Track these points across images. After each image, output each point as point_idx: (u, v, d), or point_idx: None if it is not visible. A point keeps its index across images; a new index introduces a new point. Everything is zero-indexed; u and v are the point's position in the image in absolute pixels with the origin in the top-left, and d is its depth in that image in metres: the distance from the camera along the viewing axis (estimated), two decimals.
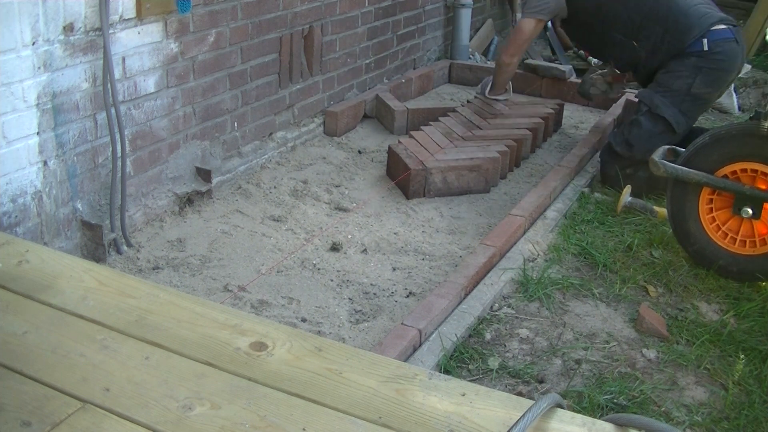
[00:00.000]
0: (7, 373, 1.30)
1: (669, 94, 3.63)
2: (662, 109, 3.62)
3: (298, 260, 3.04)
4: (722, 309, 2.86)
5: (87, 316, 1.46)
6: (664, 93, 3.64)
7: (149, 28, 2.98)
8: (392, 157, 3.82)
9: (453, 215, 3.51)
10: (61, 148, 2.72)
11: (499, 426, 1.21)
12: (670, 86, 3.64)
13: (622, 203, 3.50)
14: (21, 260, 1.64)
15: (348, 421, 1.22)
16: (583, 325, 2.71)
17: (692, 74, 3.60)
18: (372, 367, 1.34)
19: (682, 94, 3.61)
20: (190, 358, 1.36)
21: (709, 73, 3.60)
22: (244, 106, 3.65)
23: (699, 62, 3.59)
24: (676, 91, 3.62)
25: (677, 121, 3.62)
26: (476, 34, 5.97)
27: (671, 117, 3.62)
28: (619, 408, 2.29)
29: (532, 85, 5.05)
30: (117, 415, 1.22)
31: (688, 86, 3.60)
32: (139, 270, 2.88)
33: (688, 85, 3.60)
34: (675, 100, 3.62)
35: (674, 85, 3.63)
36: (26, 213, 2.64)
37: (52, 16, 2.57)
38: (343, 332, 2.62)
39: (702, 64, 3.59)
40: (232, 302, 2.71)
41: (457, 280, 2.75)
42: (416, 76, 5.03)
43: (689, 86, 3.60)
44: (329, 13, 4.15)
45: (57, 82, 2.64)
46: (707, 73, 3.60)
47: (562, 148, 4.37)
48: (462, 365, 2.45)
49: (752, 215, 2.96)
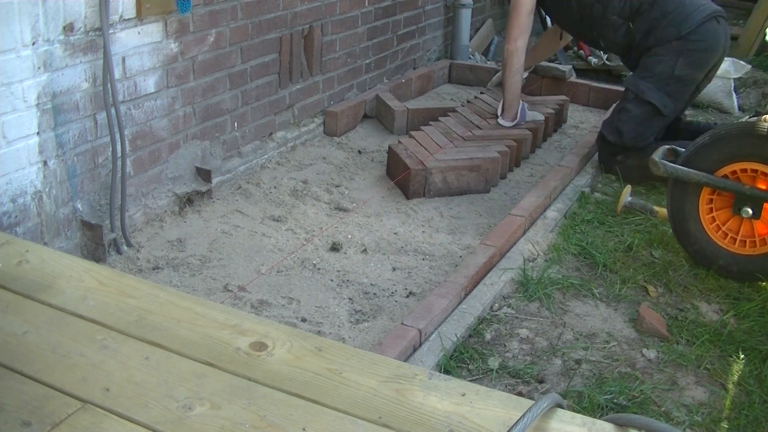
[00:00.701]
0: (7, 373, 1.30)
1: (653, 79, 3.69)
2: (648, 94, 3.69)
3: (298, 260, 3.04)
4: (722, 309, 2.86)
5: (87, 316, 1.46)
6: (648, 78, 3.71)
7: (149, 28, 2.98)
8: (392, 157, 3.82)
9: (453, 215, 3.51)
10: (61, 148, 2.72)
11: (499, 426, 1.21)
12: (654, 70, 3.70)
13: (622, 203, 3.51)
14: (21, 260, 1.64)
15: (348, 421, 1.22)
16: (583, 325, 2.71)
17: (674, 57, 3.66)
18: (372, 367, 1.34)
19: (666, 77, 3.68)
20: (190, 358, 1.36)
21: (690, 54, 3.66)
22: (244, 106, 3.65)
23: (680, 45, 3.66)
24: (659, 75, 3.69)
25: (664, 104, 3.69)
26: (476, 34, 5.97)
27: (658, 101, 3.68)
28: (619, 408, 2.29)
29: (532, 85, 5.05)
30: (117, 415, 1.22)
31: (671, 69, 3.67)
32: (139, 270, 2.88)
33: (671, 67, 3.67)
34: (660, 84, 3.68)
35: (657, 69, 3.69)
36: (26, 213, 2.64)
37: (52, 16, 2.57)
38: (343, 332, 2.62)
39: (683, 47, 3.65)
40: (232, 302, 2.71)
41: (457, 280, 2.75)
42: (416, 76, 5.03)
43: (672, 69, 3.66)
44: (329, 13, 4.15)
45: (57, 82, 2.64)
46: (688, 54, 3.66)
47: (562, 148, 4.37)
48: (462, 365, 2.45)
49: (752, 215, 2.96)
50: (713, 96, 5.10)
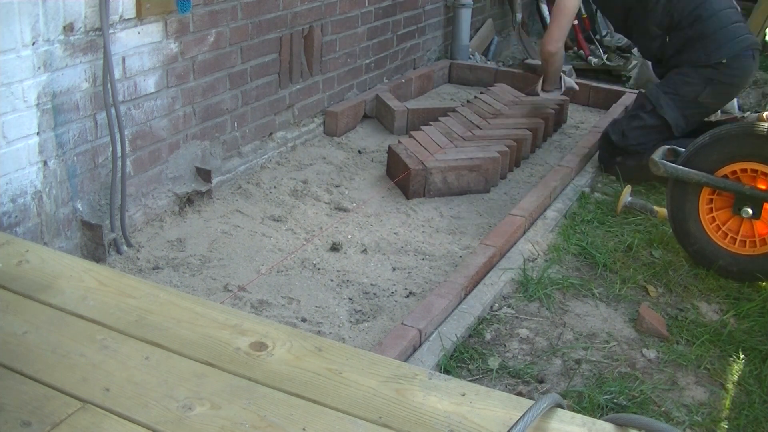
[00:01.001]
0: (7, 373, 1.30)
1: (676, 98, 3.64)
2: (665, 111, 3.65)
3: (298, 260, 3.04)
4: (722, 309, 2.86)
5: (87, 316, 1.46)
6: (671, 95, 3.65)
7: (149, 28, 2.98)
8: (392, 157, 3.82)
9: (453, 215, 3.51)
10: (61, 148, 2.72)
11: (499, 426, 1.21)
12: (678, 91, 3.64)
13: (622, 203, 3.51)
14: (21, 260, 1.64)
15: (348, 421, 1.22)
16: (583, 325, 2.71)
17: (703, 84, 3.59)
18: (372, 367, 1.34)
19: (689, 100, 3.62)
20: (190, 358, 1.36)
21: (720, 86, 3.60)
22: (244, 106, 3.65)
23: (713, 74, 3.58)
24: (683, 96, 3.63)
25: (677, 125, 3.65)
26: (476, 34, 5.97)
27: (672, 120, 3.65)
28: (619, 408, 2.29)
29: (531, 85, 5.05)
30: (117, 415, 1.22)
31: (696, 94, 3.61)
32: (139, 270, 2.88)
33: (697, 93, 3.61)
34: (681, 105, 3.63)
35: (682, 90, 3.63)
36: (26, 213, 2.64)
37: (52, 16, 2.57)
38: (343, 332, 2.62)
39: (715, 77, 3.58)
40: (232, 302, 2.71)
41: (457, 280, 2.75)
42: (416, 76, 5.03)
43: (697, 95, 3.61)
44: (329, 13, 4.15)
45: (57, 82, 2.64)
46: (718, 85, 3.60)
47: (562, 148, 4.37)
48: (462, 365, 2.45)
49: (752, 215, 2.96)
50: None
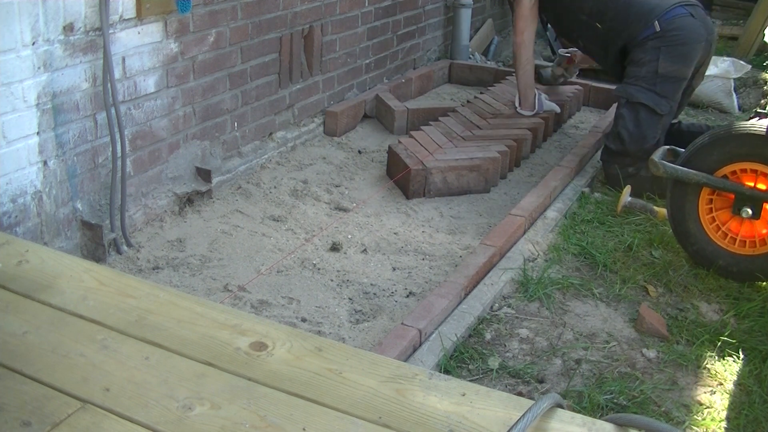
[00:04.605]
0: (7, 373, 1.30)
1: (640, 82, 3.71)
2: (638, 96, 3.69)
3: (298, 260, 3.04)
4: (722, 309, 2.86)
5: (87, 316, 1.46)
6: (635, 82, 3.72)
7: (149, 28, 2.98)
8: (392, 157, 3.82)
9: (453, 215, 3.51)
10: (61, 148, 2.72)
11: (499, 426, 1.21)
12: (639, 74, 3.72)
13: (622, 203, 3.50)
14: (21, 260, 1.64)
15: (348, 421, 1.22)
16: (583, 325, 2.71)
17: (654, 56, 3.68)
18: (372, 367, 1.34)
19: (652, 77, 3.69)
20: (190, 358, 1.36)
21: (670, 50, 3.67)
22: (244, 106, 3.65)
23: (656, 43, 3.68)
24: (645, 77, 3.70)
25: (656, 102, 3.68)
26: (476, 34, 5.97)
27: (648, 100, 3.68)
28: (619, 408, 2.29)
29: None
30: (117, 415, 1.22)
31: (655, 68, 3.68)
32: (139, 270, 2.88)
33: (654, 67, 3.68)
34: (648, 85, 3.69)
35: (641, 72, 3.71)
36: (26, 213, 2.64)
37: (52, 16, 2.57)
38: (343, 332, 2.62)
39: (660, 44, 3.68)
40: (232, 302, 2.71)
41: (457, 280, 2.75)
42: (416, 76, 5.03)
43: (655, 68, 3.68)
44: (329, 13, 4.15)
45: (57, 82, 2.64)
46: (667, 50, 3.67)
47: (562, 148, 4.37)
48: (462, 365, 2.45)
49: (752, 215, 2.96)
50: (713, 96, 5.10)
